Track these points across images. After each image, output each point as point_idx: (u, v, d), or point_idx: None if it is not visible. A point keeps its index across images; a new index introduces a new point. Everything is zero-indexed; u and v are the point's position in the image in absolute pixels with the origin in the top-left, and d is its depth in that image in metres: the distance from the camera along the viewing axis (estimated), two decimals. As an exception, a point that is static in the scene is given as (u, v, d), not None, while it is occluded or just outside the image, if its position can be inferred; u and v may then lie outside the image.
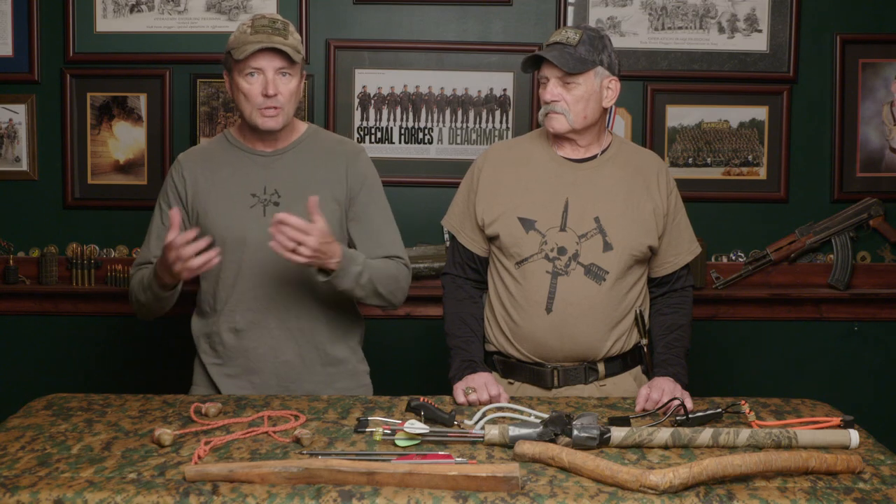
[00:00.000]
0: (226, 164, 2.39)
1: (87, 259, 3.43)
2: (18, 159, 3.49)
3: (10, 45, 3.44)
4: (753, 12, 3.48)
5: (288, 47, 2.26)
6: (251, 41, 2.25)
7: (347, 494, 1.59)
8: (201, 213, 2.36)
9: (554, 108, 2.28)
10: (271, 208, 2.33)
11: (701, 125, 3.52)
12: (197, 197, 2.37)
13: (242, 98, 2.30)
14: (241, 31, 2.29)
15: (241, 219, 2.33)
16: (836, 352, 3.56)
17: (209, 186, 2.37)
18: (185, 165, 2.41)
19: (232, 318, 2.36)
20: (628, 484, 1.62)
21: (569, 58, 2.24)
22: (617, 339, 2.34)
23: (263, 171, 2.37)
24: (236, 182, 2.36)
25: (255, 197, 2.35)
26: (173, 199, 2.40)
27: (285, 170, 2.37)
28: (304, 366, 2.39)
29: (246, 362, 2.37)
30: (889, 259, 3.57)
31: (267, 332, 2.36)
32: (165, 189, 2.43)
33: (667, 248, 2.40)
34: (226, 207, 2.34)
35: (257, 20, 2.29)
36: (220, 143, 2.44)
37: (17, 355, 3.51)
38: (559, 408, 2.14)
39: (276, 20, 2.30)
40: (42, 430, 1.93)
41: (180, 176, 2.40)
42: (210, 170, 2.39)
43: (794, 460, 1.68)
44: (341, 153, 2.42)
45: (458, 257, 2.46)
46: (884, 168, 3.55)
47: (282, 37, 2.26)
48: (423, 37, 3.48)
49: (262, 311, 2.35)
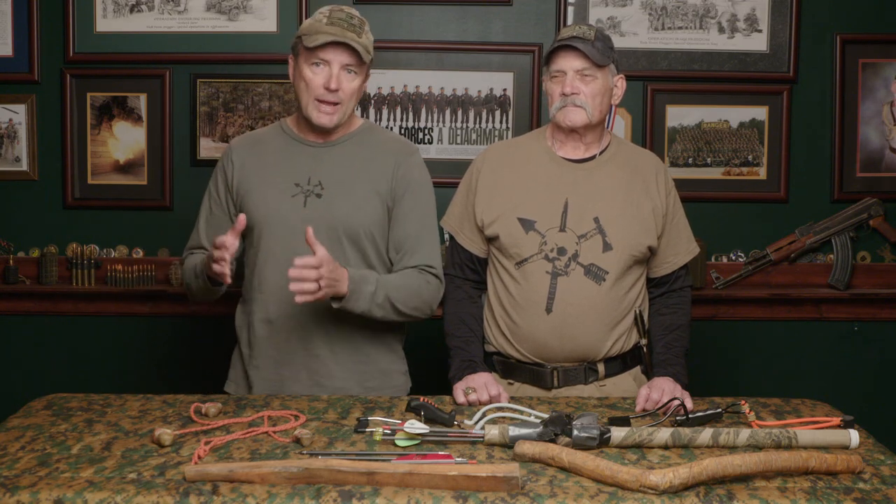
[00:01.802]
0: (275, 151, 2.38)
1: (87, 259, 3.43)
2: (18, 159, 3.49)
3: (10, 45, 3.44)
4: (753, 12, 3.48)
5: (360, 45, 2.25)
6: (325, 31, 2.23)
7: (347, 494, 1.59)
8: (244, 196, 2.36)
9: (574, 101, 2.27)
10: (313, 199, 2.32)
11: (701, 125, 3.52)
12: (242, 181, 2.37)
13: (303, 86, 2.28)
14: (316, 18, 2.27)
15: (281, 207, 2.32)
16: (836, 352, 3.56)
17: (255, 171, 2.37)
18: (235, 150, 2.41)
19: (265, 308, 2.35)
20: (628, 484, 1.62)
21: (594, 50, 2.25)
22: (617, 340, 2.34)
23: (311, 161, 2.35)
24: (282, 170, 2.35)
25: (297, 186, 2.33)
26: (221, 182, 2.40)
27: (332, 162, 2.36)
28: (335, 361, 2.36)
29: (277, 354, 2.35)
30: (889, 259, 3.57)
31: (299, 325, 2.34)
32: (215, 172, 2.44)
33: (665, 249, 2.40)
34: (268, 194, 2.34)
35: (335, 11, 2.26)
36: (274, 131, 2.44)
37: (17, 355, 3.51)
38: (559, 408, 2.14)
39: (354, 16, 2.27)
40: (42, 430, 1.93)
41: (229, 160, 2.40)
42: (259, 155, 2.39)
43: (794, 460, 1.68)
44: (393, 151, 2.40)
45: (457, 258, 2.46)
46: (884, 168, 3.55)
47: (356, 34, 2.25)
48: (423, 37, 3.48)
49: (294, 303, 2.27)
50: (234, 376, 2.46)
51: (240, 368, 2.44)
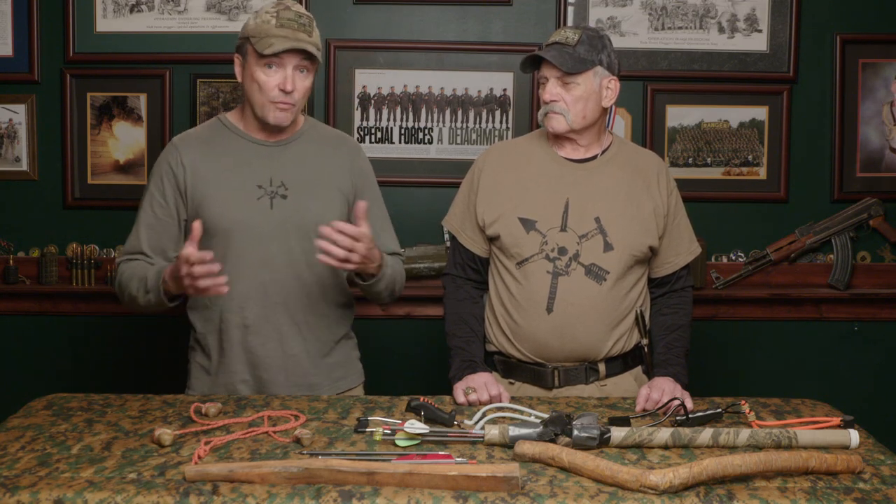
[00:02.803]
0: (228, 153, 2.33)
1: (87, 259, 3.43)
2: (18, 159, 3.49)
3: (10, 45, 3.44)
4: (753, 12, 3.48)
5: (312, 46, 2.23)
6: (276, 35, 2.20)
7: (347, 494, 1.59)
8: (202, 202, 2.29)
9: (553, 108, 2.28)
10: (279, 201, 2.30)
11: (701, 125, 3.52)
12: (197, 185, 2.30)
13: (256, 88, 2.25)
14: (263, 19, 2.22)
15: (248, 211, 2.29)
16: (836, 352, 3.56)
17: (211, 175, 2.31)
18: (184, 151, 2.32)
19: (240, 314, 2.31)
20: (628, 484, 1.62)
21: (567, 58, 2.24)
22: (618, 340, 2.34)
23: (268, 161, 2.32)
24: (241, 172, 2.31)
25: (261, 188, 2.30)
26: (169, 186, 2.31)
27: (291, 161, 2.34)
28: (309, 359, 2.37)
29: (254, 358, 2.33)
30: (889, 259, 3.57)
31: (275, 328, 2.33)
32: (159, 174, 2.33)
33: (667, 249, 2.40)
34: (231, 198, 2.29)
35: (283, 12, 2.22)
36: (217, 129, 2.37)
37: (17, 355, 3.51)
38: (559, 408, 2.14)
39: (302, 14, 2.25)
40: (42, 430, 1.93)
41: (178, 162, 2.31)
42: (211, 157, 2.32)
43: (794, 460, 1.68)
44: (344, 147, 2.43)
45: (458, 258, 2.46)
46: (884, 168, 3.55)
47: (307, 33, 2.23)
48: (423, 37, 3.48)
49: (270, 305, 2.31)
50: (199, 385, 2.39)
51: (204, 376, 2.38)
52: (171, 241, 2.33)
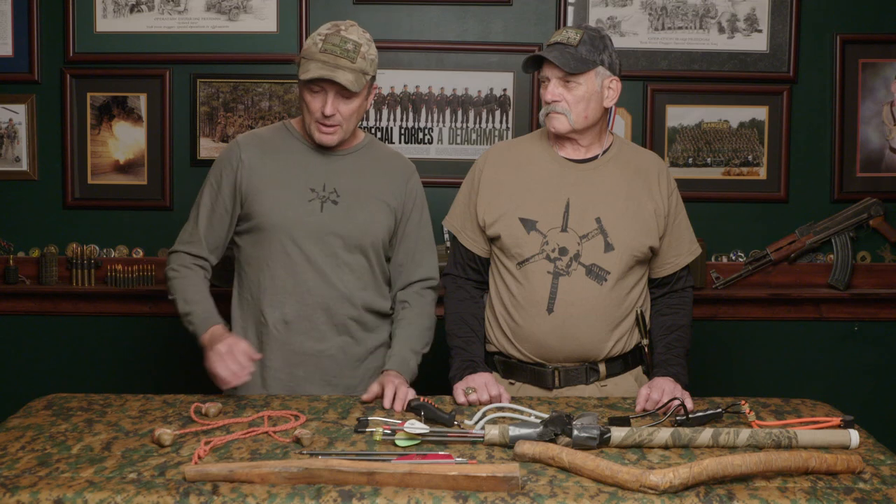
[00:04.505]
0: (286, 154, 2.38)
1: (87, 259, 3.43)
2: (18, 159, 3.49)
3: (10, 45, 3.44)
4: (753, 12, 3.48)
5: (348, 77, 2.23)
6: (316, 60, 2.23)
7: (347, 494, 1.59)
8: (254, 198, 2.34)
9: (555, 109, 2.28)
10: (329, 206, 2.34)
11: (701, 125, 3.52)
12: (252, 181, 2.35)
13: (305, 107, 2.31)
14: (313, 41, 2.27)
15: (298, 211, 2.33)
16: (836, 352, 3.56)
17: (267, 172, 2.36)
18: (245, 148, 2.39)
19: (281, 310, 2.35)
20: (628, 484, 1.62)
21: (569, 58, 2.24)
22: (618, 340, 2.34)
23: (324, 167, 2.37)
24: (296, 173, 2.36)
25: (313, 192, 2.35)
26: (227, 180, 2.37)
27: (346, 171, 2.38)
28: (346, 360, 2.39)
29: (292, 356, 2.36)
30: (889, 259, 3.57)
31: (314, 326, 2.36)
32: (219, 168, 2.39)
33: (667, 249, 2.40)
34: (283, 197, 2.34)
35: (331, 37, 2.25)
36: (281, 133, 2.43)
37: (17, 355, 3.51)
38: (559, 408, 2.14)
39: (348, 41, 2.24)
40: (42, 430, 1.93)
41: (237, 157, 2.37)
42: (269, 156, 2.38)
43: (794, 460, 1.68)
44: (400, 167, 2.46)
45: (459, 258, 2.46)
46: (884, 168, 3.54)
47: (349, 60, 2.23)
48: (423, 37, 3.48)
49: (311, 304, 2.35)
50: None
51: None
52: (224, 233, 2.39)
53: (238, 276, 2.45)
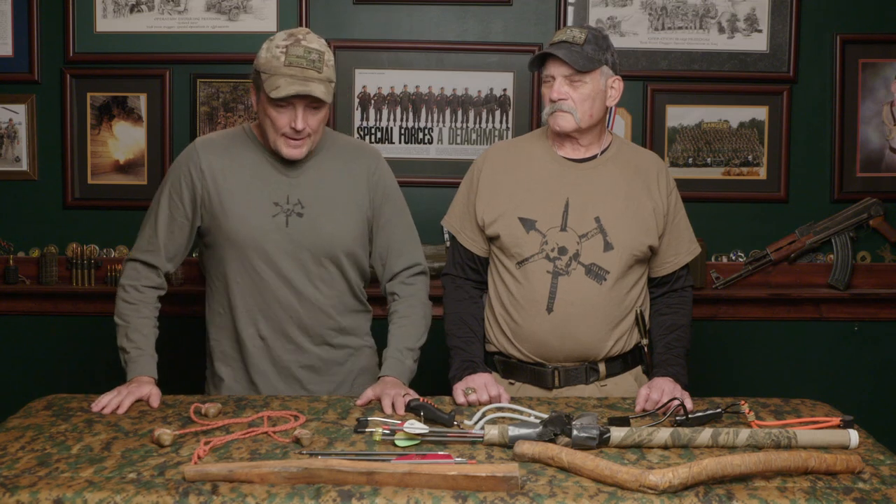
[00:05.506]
0: (247, 165, 2.31)
1: (87, 259, 3.43)
2: (18, 159, 3.49)
3: (10, 45, 3.44)
4: (753, 12, 3.48)
5: (321, 89, 2.16)
6: (284, 74, 2.14)
7: (347, 494, 1.59)
8: (219, 213, 2.29)
9: (561, 107, 2.28)
10: (294, 219, 2.29)
11: (701, 125, 3.52)
12: (213, 195, 2.29)
13: (269, 123, 2.22)
14: (273, 54, 2.16)
15: (263, 227, 2.28)
16: (836, 352, 3.56)
17: (228, 187, 2.29)
18: (204, 156, 2.31)
19: (254, 326, 2.33)
20: (628, 484, 1.62)
21: (578, 56, 2.24)
22: (618, 340, 2.34)
23: (287, 178, 2.31)
24: (258, 187, 2.30)
25: (277, 206, 2.29)
26: (186, 189, 2.30)
27: (309, 180, 2.32)
28: (325, 367, 2.39)
29: (273, 368, 2.36)
30: (889, 259, 3.57)
31: (290, 340, 2.35)
32: (177, 175, 2.31)
33: (666, 249, 2.40)
34: (247, 213, 2.28)
35: (292, 48, 2.15)
36: (241, 139, 2.35)
37: (17, 355, 3.51)
38: (559, 408, 2.14)
39: (312, 51, 2.16)
40: (42, 430, 1.93)
41: (197, 167, 2.30)
42: (231, 168, 2.31)
43: (793, 460, 1.68)
44: (363, 164, 2.39)
45: (458, 258, 2.46)
46: (884, 168, 3.54)
47: (316, 70, 2.16)
48: (423, 37, 3.48)
49: (285, 320, 2.33)
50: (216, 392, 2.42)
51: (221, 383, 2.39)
52: (185, 242, 2.34)
53: (208, 287, 2.40)
